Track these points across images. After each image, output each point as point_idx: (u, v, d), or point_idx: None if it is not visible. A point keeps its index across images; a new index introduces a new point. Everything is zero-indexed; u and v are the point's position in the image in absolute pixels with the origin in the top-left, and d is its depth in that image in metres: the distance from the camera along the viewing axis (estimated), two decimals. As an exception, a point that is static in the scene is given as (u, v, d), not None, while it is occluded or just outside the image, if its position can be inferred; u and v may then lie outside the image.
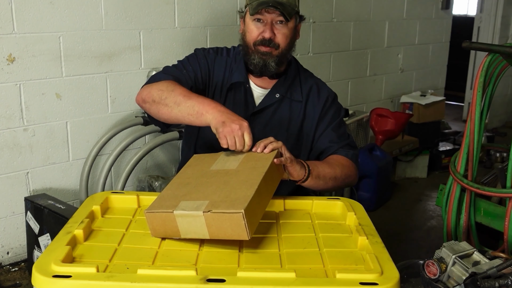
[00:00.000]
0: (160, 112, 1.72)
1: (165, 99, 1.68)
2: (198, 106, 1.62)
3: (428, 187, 4.10)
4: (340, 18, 4.05)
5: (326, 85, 2.03)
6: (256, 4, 1.77)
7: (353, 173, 1.86)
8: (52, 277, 1.16)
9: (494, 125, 5.63)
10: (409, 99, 4.65)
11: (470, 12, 7.29)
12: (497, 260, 1.46)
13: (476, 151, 2.16)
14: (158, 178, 2.97)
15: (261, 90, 1.91)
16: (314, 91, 1.95)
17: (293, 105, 1.91)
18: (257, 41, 1.80)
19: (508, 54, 2.08)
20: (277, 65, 1.83)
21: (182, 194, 1.42)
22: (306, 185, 1.69)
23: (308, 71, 2.04)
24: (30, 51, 2.58)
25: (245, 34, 1.85)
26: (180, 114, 1.65)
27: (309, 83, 1.96)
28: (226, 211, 1.28)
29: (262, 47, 1.80)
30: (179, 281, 1.16)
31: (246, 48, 1.85)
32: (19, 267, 2.73)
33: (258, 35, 1.80)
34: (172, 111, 1.67)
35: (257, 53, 1.81)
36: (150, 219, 1.38)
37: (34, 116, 2.66)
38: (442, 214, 2.35)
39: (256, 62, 1.82)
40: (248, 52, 1.84)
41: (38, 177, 2.74)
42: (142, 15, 2.91)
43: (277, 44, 1.80)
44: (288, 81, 1.92)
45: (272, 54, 1.80)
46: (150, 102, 1.73)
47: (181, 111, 1.65)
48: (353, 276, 1.21)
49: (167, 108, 1.68)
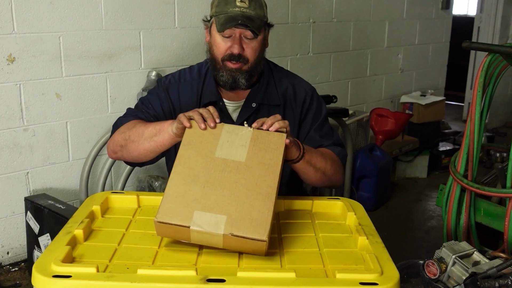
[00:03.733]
0: (130, 152, 1.70)
1: (129, 138, 1.68)
2: (158, 126, 1.62)
3: (428, 187, 4.10)
4: (340, 18, 4.05)
5: (303, 82, 1.92)
6: (223, 20, 1.68)
7: (340, 172, 1.80)
8: (52, 277, 1.16)
9: (494, 125, 5.63)
10: (409, 99, 4.65)
11: (470, 12, 7.29)
12: (497, 260, 1.46)
13: (476, 151, 2.16)
14: (158, 178, 2.97)
15: (236, 103, 1.83)
16: (290, 94, 1.86)
17: (271, 110, 1.81)
18: (225, 56, 1.72)
19: (508, 54, 2.08)
20: (247, 81, 1.76)
21: (193, 197, 1.33)
22: (295, 167, 1.65)
23: (282, 69, 1.95)
24: (30, 51, 2.58)
25: (212, 48, 1.76)
26: (147, 142, 1.64)
27: (284, 85, 1.87)
28: (249, 236, 1.27)
29: (230, 63, 1.72)
30: (179, 281, 1.17)
31: (213, 62, 1.77)
32: (19, 267, 2.73)
33: (226, 50, 1.72)
34: (139, 144, 1.66)
35: (226, 70, 1.74)
36: (160, 228, 1.32)
37: (34, 116, 2.66)
38: (442, 214, 2.35)
39: (225, 79, 1.75)
40: (216, 67, 1.76)
41: (38, 177, 2.74)
42: (142, 15, 2.91)
43: (246, 58, 1.72)
44: (262, 87, 1.83)
45: (242, 70, 1.73)
46: (119, 149, 1.73)
47: (146, 139, 1.64)
48: (353, 276, 1.21)
49: (135, 144, 1.67)
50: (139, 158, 1.72)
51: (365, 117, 3.84)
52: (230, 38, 1.71)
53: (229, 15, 1.68)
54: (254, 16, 1.70)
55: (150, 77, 2.97)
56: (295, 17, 3.71)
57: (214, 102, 1.80)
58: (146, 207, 1.62)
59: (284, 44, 3.63)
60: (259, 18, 1.71)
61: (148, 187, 2.96)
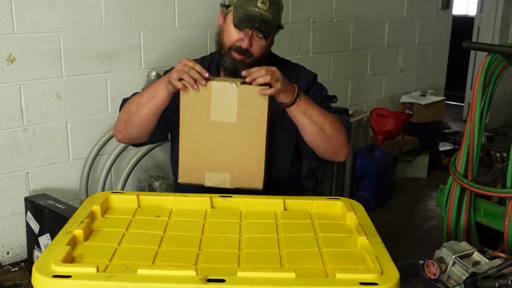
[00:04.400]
0: (134, 123, 1.77)
1: (130, 110, 1.77)
2: (152, 90, 1.72)
3: (428, 187, 4.10)
4: (340, 18, 4.05)
5: (305, 69, 2.00)
6: (242, 17, 1.74)
7: (343, 135, 1.79)
8: (52, 277, 1.16)
9: (494, 125, 5.63)
10: (409, 99, 4.65)
11: (470, 12, 7.29)
12: (497, 260, 1.46)
13: (476, 151, 2.16)
14: (158, 178, 2.97)
15: None
16: (294, 80, 1.88)
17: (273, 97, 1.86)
18: (233, 46, 1.79)
19: (508, 54, 2.08)
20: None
21: (201, 160, 1.67)
22: (290, 113, 1.71)
23: (284, 60, 2.02)
24: (30, 51, 2.58)
25: (223, 33, 1.83)
26: (146, 108, 1.72)
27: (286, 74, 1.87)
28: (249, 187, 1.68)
29: (236, 53, 1.79)
30: (179, 281, 1.17)
31: (220, 46, 1.85)
32: (19, 267, 2.73)
33: (236, 41, 1.78)
34: (140, 112, 1.74)
35: (230, 58, 1.81)
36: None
37: (34, 116, 2.66)
38: (442, 214, 2.35)
39: (227, 66, 1.82)
40: (221, 52, 1.84)
41: (38, 177, 2.74)
42: (142, 15, 2.91)
43: (252, 53, 1.79)
44: None
45: (245, 62, 1.80)
46: (123, 126, 1.81)
47: (145, 104, 1.72)
48: (353, 276, 1.21)
49: (136, 114, 1.75)
50: (143, 126, 1.78)
51: (365, 117, 3.84)
52: (242, 32, 1.77)
53: (248, 13, 1.74)
54: (270, 20, 1.76)
55: (150, 77, 2.97)
56: (295, 17, 3.71)
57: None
58: (146, 207, 1.62)
59: (284, 44, 3.63)
60: (274, 21, 1.79)
61: (148, 187, 2.96)
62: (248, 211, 1.60)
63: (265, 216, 1.58)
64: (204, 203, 1.62)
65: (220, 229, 1.49)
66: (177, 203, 1.62)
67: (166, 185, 2.91)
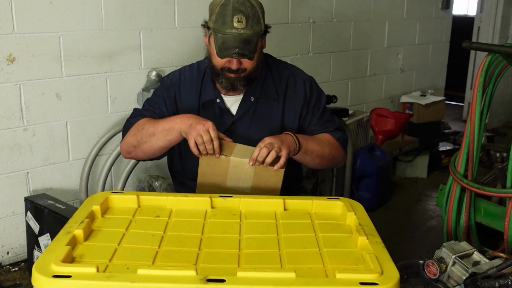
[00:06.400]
0: (145, 152, 1.84)
1: (141, 139, 1.82)
2: (167, 124, 1.76)
3: (428, 187, 4.10)
4: (340, 18, 4.05)
5: (302, 73, 2.00)
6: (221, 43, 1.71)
7: (341, 154, 1.95)
8: (52, 277, 1.16)
9: (494, 125, 5.63)
10: (409, 99, 4.65)
11: (470, 12, 7.29)
12: (497, 260, 1.46)
13: (476, 151, 2.16)
14: (158, 178, 2.97)
15: (234, 97, 1.90)
16: (291, 85, 1.94)
17: (270, 103, 1.91)
18: (224, 67, 1.79)
19: (508, 54, 2.08)
20: (245, 85, 1.85)
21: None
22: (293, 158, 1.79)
23: (281, 62, 2.00)
24: (30, 51, 2.58)
25: (211, 56, 1.82)
26: (160, 141, 1.78)
27: (284, 77, 1.94)
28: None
29: (229, 73, 1.79)
30: (179, 281, 1.16)
31: (212, 67, 1.84)
32: (19, 267, 2.73)
33: (225, 63, 1.78)
34: (152, 143, 1.80)
35: (225, 78, 1.81)
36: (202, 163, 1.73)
37: (34, 116, 2.66)
38: (442, 214, 2.35)
39: (224, 85, 1.83)
40: (215, 73, 1.83)
41: (38, 177, 2.74)
42: (142, 15, 2.91)
43: (244, 69, 1.79)
44: (259, 82, 1.90)
45: (240, 77, 1.80)
46: (133, 149, 1.86)
47: (158, 138, 1.78)
48: (353, 276, 1.21)
49: (147, 144, 1.81)
50: (153, 155, 1.87)
51: (365, 117, 3.84)
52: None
53: (227, 38, 1.70)
54: (251, 37, 1.72)
55: (150, 77, 2.97)
56: (295, 17, 3.71)
57: (213, 99, 1.89)
58: (146, 207, 1.62)
59: (284, 44, 3.63)
60: (256, 35, 1.74)
61: (148, 187, 2.96)
62: (248, 211, 1.60)
63: (265, 216, 1.58)
64: (204, 203, 1.62)
65: (220, 229, 1.49)
66: (177, 203, 1.62)
67: (166, 185, 2.91)
